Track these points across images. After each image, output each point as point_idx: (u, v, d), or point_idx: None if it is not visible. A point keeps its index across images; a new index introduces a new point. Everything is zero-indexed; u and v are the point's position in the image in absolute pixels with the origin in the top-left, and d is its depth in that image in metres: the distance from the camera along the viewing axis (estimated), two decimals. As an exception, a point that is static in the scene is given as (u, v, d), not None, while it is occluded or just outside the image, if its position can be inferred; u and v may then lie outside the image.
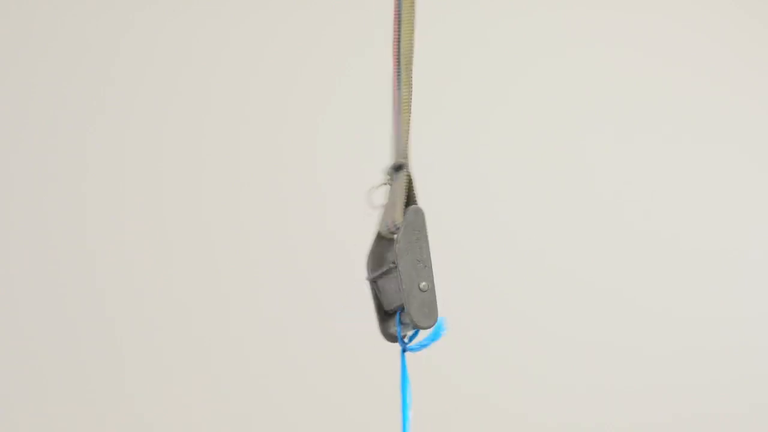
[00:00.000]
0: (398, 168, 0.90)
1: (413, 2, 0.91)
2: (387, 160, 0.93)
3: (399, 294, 0.85)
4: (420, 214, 0.86)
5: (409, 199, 0.88)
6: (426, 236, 0.85)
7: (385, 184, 0.91)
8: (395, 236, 0.86)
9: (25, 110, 1.83)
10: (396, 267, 0.84)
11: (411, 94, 0.90)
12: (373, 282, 0.89)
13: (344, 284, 1.90)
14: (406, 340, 0.88)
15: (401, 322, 0.87)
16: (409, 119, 0.90)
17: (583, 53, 2.14)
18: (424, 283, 0.84)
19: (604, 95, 2.13)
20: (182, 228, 1.87)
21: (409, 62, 0.91)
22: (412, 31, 0.91)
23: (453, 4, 2.06)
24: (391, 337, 0.89)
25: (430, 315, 0.84)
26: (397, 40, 0.91)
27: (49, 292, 1.80)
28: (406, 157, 0.89)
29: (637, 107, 2.15)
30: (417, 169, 0.91)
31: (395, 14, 0.91)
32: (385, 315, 0.90)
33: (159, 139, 1.88)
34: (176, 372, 1.83)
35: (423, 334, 0.87)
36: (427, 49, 0.95)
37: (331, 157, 1.96)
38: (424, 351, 0.88)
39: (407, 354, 0.88)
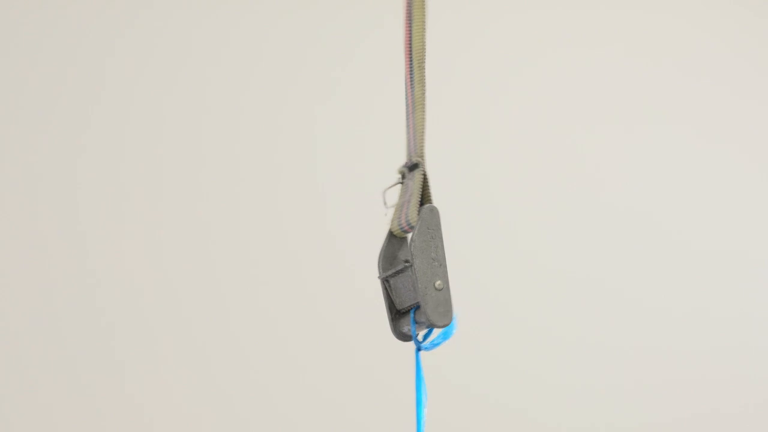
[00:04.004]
0: (413, 167, 0.90)
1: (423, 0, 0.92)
2: (387, 160, 0.93)
3: (413, 293, 0.86)
4: (435, 212, 0.86)
5: (424, 198, 0.88)
6: (441, 235, 0.86)
7: (399, 182, 0.92)
8: (410, 235, 0.87)
9: (24, 110, 1.83)
10: (411, 266, 0.84)
11: (424, 93, 0.91)
12: (386, 281, 0.90)
13: (345, 284, 1.90)
14: (420, 338, 0.88)
15: (416, 321, 0.87)
16: (424, 118, 0.90)
17: (584, 54, 2.14)
18: (439, 282, 0.84)
19: (606, 95, 2.14)
20: (181, 228, 1.87)
21: (422, 60, 0.91)
22: (423, 29, 0.91)
23: (453, 2, 2.06)
24: (403, 336, 0.90)
25: (445, 314, 0.85)
26: (409, 38, 0.91)
27: (48, 293, 1.79)
28: (421, 155, 0.90)
29: (640, 107, 2.15)
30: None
31: (407, 12, 0.92)
32: (397, 314, 0.90)
33: (158, 138, 1.88)
34: (176, 372, 1.82)
35: (435, 333, 0.87)
36: (429, 46, 0.95)
37: (332, 157, 1.95)
38: (433, 351, 0.88)
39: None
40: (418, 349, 0.87)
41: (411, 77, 0.91)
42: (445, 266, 0.85)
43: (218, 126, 1.91)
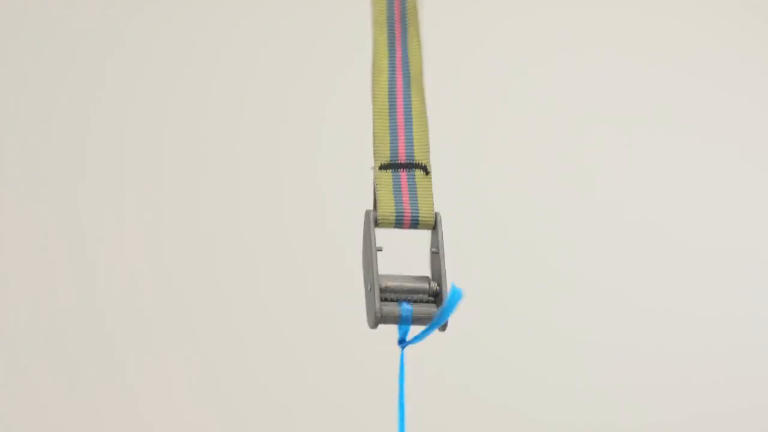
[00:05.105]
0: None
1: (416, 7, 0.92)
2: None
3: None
4: (366, 216, 0.86)
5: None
6: (368, 237, 0.85)
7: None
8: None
9: (25, 111, 1.83)
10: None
11: (425, 105, 0.92)
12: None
13: (345, 284, 1.90)
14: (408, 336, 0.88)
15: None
16: (427, 127, 0.91)
17: (584, 55, 2.14)
18: (369, 286, 0.84)
19: (607, 97, 2.13)
20: (181, 228, 1.86)
21: (419, 74, 0.92)
22: (419, 42, 0.92)
23: (455, 3, 2.05)
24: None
25: (368, 313, 0.84)
26: (401, 51, 0.91)
27: (47, 295, 1.79)
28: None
29: (641, 108, 2.15)
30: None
31: (398, 17, 0.91)
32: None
33: (159, 139, 1.88)
34: (177, 372, 1.82)
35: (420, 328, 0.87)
36: (428, 47, 0.95)
37: (333, 157, 1.95)
38: (426, 349, 0.88)
39: (406, 350, 0.88)
40: (403, 347, 0.87)
41: (405, 89, 0.91)
42: (371, 268, 0.84)
43: (219, 126, 1.91)
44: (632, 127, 2.14)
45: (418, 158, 0.90)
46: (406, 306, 0.84)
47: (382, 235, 0.92)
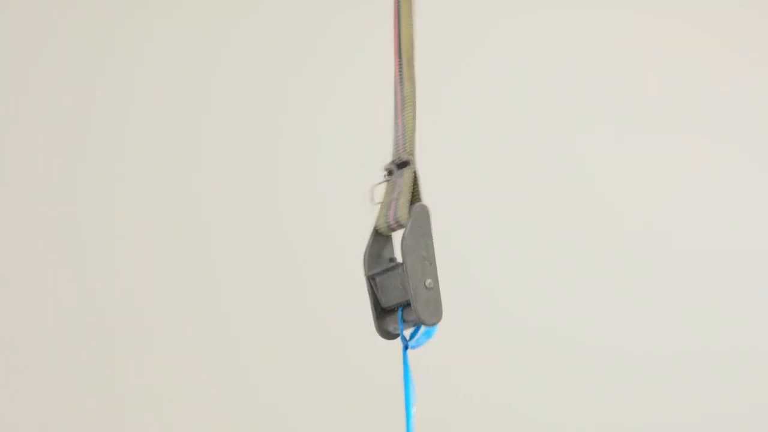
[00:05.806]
0: (402, 165, 0.90)
1: None
2: (387, 160, 0.93)
3: (401, 291, 0.85)
4: (426, 211, 0.86)
5: (415, 196, 0.88)
6: (431, 234, 0.85)
7: (384, 181, 0.91)
8: (396, 233, 0.87)
9: (25, 110, 1.83)
10: (402, 264, 0.84)
11: (414, 91, 0.90)
12: (371, 279, 0.90)
13: (345, 284, 1.90)
14: (407, 337, 0.88)
15: (404, 320, 0.87)
16: (414, 116, 0.90)
17: (586, 53, 2.14)
18: (429, 281, 0.84)
19: (608, 95, 2.13)
20: (182, 228, 1.86)
21: (411, 58, 0.90)
22: (411, 26, 0.91)
23: (455, 3, 2.06)
24: (387, 334, 0.90)
25: (435, 312, 0.84)
26: (397, 36, 0.91)
27: (45, 297, 1.79)
28: (412, 153, 0.89)
29: (640, 108, 2.15)
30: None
31: (395, 8, 0.91)
32: (381, 312, 0.90)
33: (158, 139, 1.88)
34: (177, 374, 1.82)
35: (420, 332, 0.88)
36: (429, 47, 0.95)
37: (332, 157, 1.95)
38: (425, 349, 0.88)
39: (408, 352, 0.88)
40: (406, 348, 0.88)
41: (400, 75, 0.90)
42: (435, 265, 0.84)
43: (219, 126, 1.91)
44: (632, 128, 2.14)
45: (406, 155, 0.91)
46: None
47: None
